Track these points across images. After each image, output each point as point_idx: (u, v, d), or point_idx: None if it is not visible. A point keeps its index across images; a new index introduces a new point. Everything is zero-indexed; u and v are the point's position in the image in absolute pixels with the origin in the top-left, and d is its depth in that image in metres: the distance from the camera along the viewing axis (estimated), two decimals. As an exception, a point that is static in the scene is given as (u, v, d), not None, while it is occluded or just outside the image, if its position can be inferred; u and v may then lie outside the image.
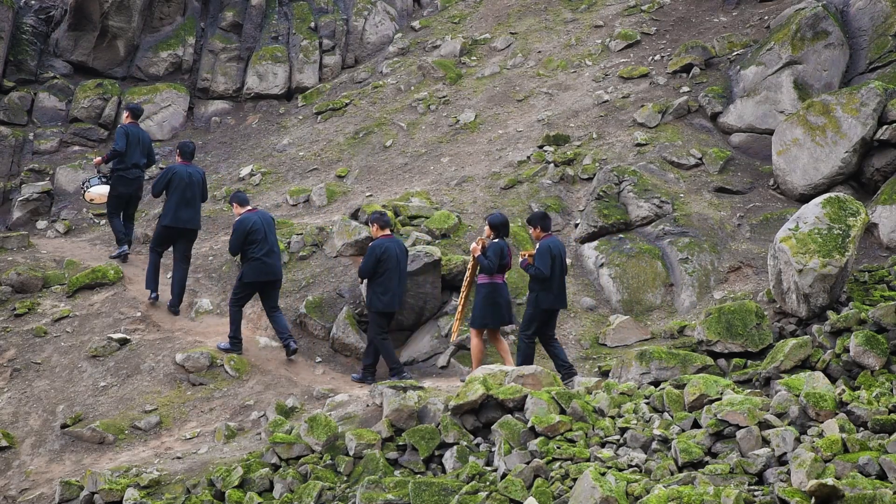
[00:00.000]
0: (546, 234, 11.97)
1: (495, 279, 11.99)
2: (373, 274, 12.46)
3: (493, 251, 11.96)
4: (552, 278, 11.74)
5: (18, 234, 15.95)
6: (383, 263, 12.42)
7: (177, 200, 13.81)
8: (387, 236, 12.68)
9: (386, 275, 12.45)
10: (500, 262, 11.92)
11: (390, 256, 12.45)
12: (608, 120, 16.56)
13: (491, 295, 11.92)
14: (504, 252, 11.97)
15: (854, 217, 11.49)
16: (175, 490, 10.49)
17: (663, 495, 7.97)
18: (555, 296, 11.81)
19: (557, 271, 11.81)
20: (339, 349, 13.48)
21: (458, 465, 9.68)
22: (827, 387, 9.28)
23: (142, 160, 15.12)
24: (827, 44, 15.49)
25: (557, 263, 11.80)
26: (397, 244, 12.68)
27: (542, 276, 11.69)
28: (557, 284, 11.83)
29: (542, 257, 11.71)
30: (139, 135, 15.13)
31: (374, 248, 12.51)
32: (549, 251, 11.72)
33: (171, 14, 20.69)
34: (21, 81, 19.39)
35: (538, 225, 12.00)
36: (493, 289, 11.95)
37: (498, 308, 11.93)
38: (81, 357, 13.11)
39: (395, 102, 18.89)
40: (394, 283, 12.49)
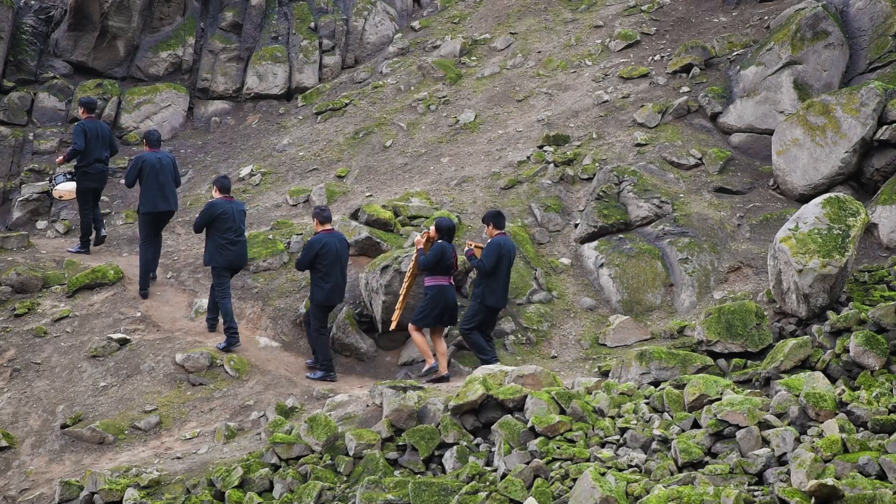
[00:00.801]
0: (499, 233, 12.37)
1: (441, 281, 12.37)
2: (311, 268, 12.82)
3: (434, 251, 12.35)
4: (498, 277, 12.14)
5: (18, 234, 15.95)
6: (322, 258, 12.74)
7: (151, 187, 14.25)
8: (327, 231, 13.00)
9: (326, 269, 12.77)
10: (443, 263, 12.29)
11: (330, 251, 12.78)
12: (608, 120, 16.57)
13: (436, 297, 12.33)
14: (446, 254, 12.32)
15: (854, 217, 11.50)
16: (175, 490, 10.50)
17: (663, 495, 7.97)
18: (499, 295, 12.24)
19: (504, 270, 12.18)
20: (339, 349, 13.48)
21: (457, 466, 9.68)
22: (827, 387, 9.29)
23: (104, 153, 15.47)
24: (827, 44, 15.49)
25: (505, 263, 12.21)
26: (338, 239, 13.01)
27: (482, 269, 12.13)
28: (503, 283, 12.22)
29: (489, 253, 12.12)
30: (97, 129, 15.44)
31: (313, 243, 12.87)
32: (499, 248, 12.10)
33: (170, 14, 20.69)
34: (21, 81, 19.39)
35: (491, 223, 12.41)
36: (438, 291, 12.36)
37: (442, 310, 12.34)
38: (81, 357, 13.12)
39: (395, 102, 18.90)
40: (335, 277, 12.82)
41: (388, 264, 13.33)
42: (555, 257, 14.32)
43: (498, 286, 12.23)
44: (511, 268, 12.47)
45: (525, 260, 14.09)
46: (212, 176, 18.04)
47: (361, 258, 14.28)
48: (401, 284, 13.19)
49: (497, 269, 12.16)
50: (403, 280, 12.96)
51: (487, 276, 12.15)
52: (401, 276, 13.21)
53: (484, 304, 12.23)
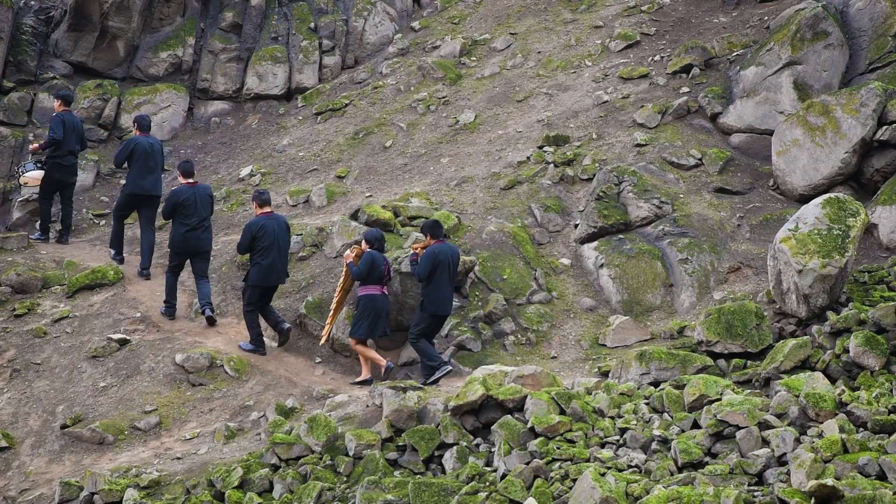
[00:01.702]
0: (437, 241, 12.56)
1: (373, 290, 12.58)
2: (250, 250, 13.15)
3: (364, 261, 12.59)
4: (437, 285, 12.35)
5: (18, 235, 15.94)
6: (260, 240, 13.05)
7: (139, 169, 14.84)
8: (266, 214, 13.31)
9: (264, 251, 13.05)
10: (374, 273, 12.52)
11: (267, 234, 13.08)
12: (608, 120, 16.57)
13: (369, 305, 12.54)
14: (376, 263, 12.56)
15: (854, 217, 11.50)
16: (175, 490, 10.50)
17: (663, 496, 7.98)
18: (438, 302, 12.39)
19: (443, 279, 12.38)
20: (338, 349, 13.48)
21: (457, 466, 9.68)
22: (827, 387, 9.29)
23: (76, 147, 15.97)
24: (827, 44, 15.49)
25: (443, 270, 12.38)
26: (276, 221, 13.32)
27: (417, 277, 12.47)
28: (442, 291, 12.40)
29: (423, 261, 12.38)
30: (73, 122, 15.93)
31: (251, 225, 13.23)
32: (435, 257, 12.32)
33: (170, 14, 20.68)
34: (21, 82, 19.38)
35: (428, 233, 12.68)
36: (370, 300, 12.56)
37: (373, 319, 12.54)
38: (81, 357, 13.12)
39: (395, 103, 18.90)
40: (272, 259, 13.09)
41: (387, 265, 13.33)
42: (555, 258, 14.32)
43: (437, 293, 12.39)
44: (452, 276, 12.55)
45: (525, 260, 14.10)
46: (212, 176, 18.04)
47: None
48: (400, 284, 13.20)
49: (434, 277, 12.35)
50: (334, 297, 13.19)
51: (426, 284, 12.39)
52: (401, 277, 13.22)
53: (426, 312, 12.45)
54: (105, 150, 18.80)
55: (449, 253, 12.54)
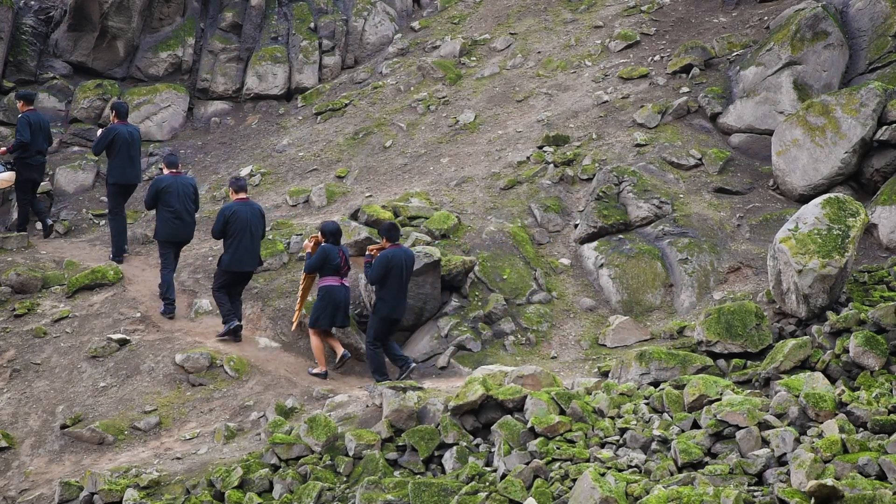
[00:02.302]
0: (393, 245, 12.61)
1: (331, 282, 12.75)
2: (223, 235, 13.33)
3: (317, 254, 12.80)
4: (389, 289, 12.42)
5: (18, 235, 15.94)
6: (232, 225, 13.24)
7: (121, 159, 15.11)
8: (241, 200, 13.53)
9: (236, 235, 13.25)
10: (329, 264, 12.71)
11: (239, 218, 13.27)
12: (608, 120, 16.57)
13: (326, 296, 12.73)
14: (330, 256, 12.72)
15: (854, 217, 11.50)
16: (175, 491, 10.50)
17: (663, 496, 7.98)
18: (391, 305, 12.45)
19: (396, 283, 12.43)
20: (338, 350, 13.48)
21: (457, 466, 9.68)
22: (826, 387, 9.29)
23: (44, 145, 16.19)
24: (826, 44, 15.49)
25: (396, 274, 12.42)
26: (250, 207, 13.50)
27: (369, 280, 12.56)
28: (394, 294, 12.45)
29: (376, 265, 12.48)
30: (40, 121, 16.10)
31: (224, 210, 13.46)
32: (388, 261, 12.37)
33: (170, 14, 20.68)
34: (21, 82, 19.37)
35: (384, 236, 12.75)
36: (327, 291, 12.74)
37: (332, 310, 12.71)
38: (81, 358, 13.12)
39: (395, 103, 18.90)
40: (244, 244, 13.27)
41: (387, 265, 13.32)
42: (554, 258, 14.32)
43: (389, 297, 12.45)
44: (406, 280, 12.56)
45: (525, 260, 14.10)
46: (212, 177, 18.05)
47: (361, 258, 14.28)
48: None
49: (386, 281, 12.41)
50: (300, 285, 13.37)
51: (380, 287, 12.48)
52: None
53: (377, 316, 12.54)
54: (105, 150, 18.78)
55: (403, 257, 12.56)
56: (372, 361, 12.59)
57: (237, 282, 13.49)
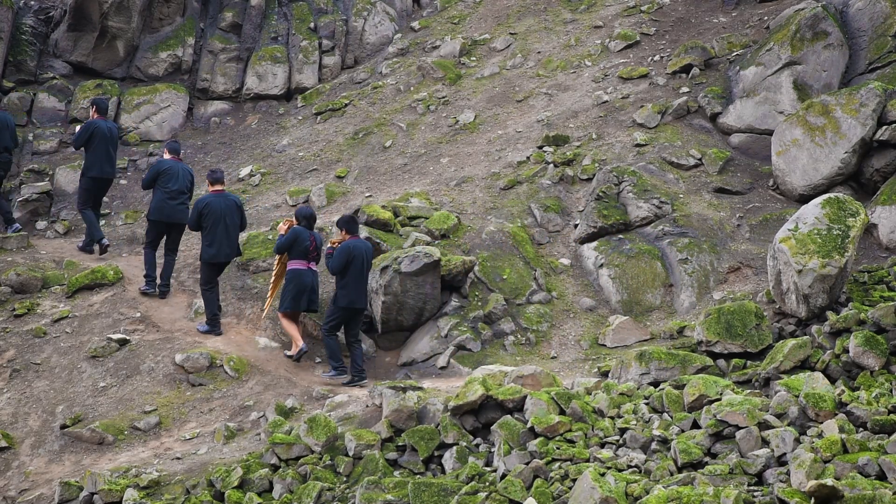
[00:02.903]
0: (352, 237, 12.92)
1: (299, 265, 12.99)
2: (199, 227, 13.63)
3: (287, 236, 13.04)
4: (349, 279, 12.65)
5: (18, 235, 15.94)
6: (207, 217, 13.54)
7: (99, 153, 15.37)
8: (216, 192, 13.81)
9: (211, 228, 13.54)
10: (297, 247, 12.94)
11: (213, 211, 13.55)
12: (608, 120, 16.57)
13: (293, 280, 12.95)
14: (299, 239, 12.97)
15: (853, 217, 11.50)
16: (174, 491, 10.50)
17: (663, 496, 7.98)
18: (351, 296, 12.66)
19: (356, 273, 12.68)
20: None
21: (457, 466, 9.69)
22: (826, 387, 9.29)
23: (10, 143, 16.46)
24: (826, 44, 15.49)
25: (356, 265, 12.68)
26: (225, 199, 13.75)
27: (330, 271, 12.81)
28: (355, 285, 12.67)
29: (336, 255, 12.72)
30: (6, 120, 16.43)
31: (197, 203, 13.81)
32: (348, 252, 12.65)
33: (170, 14, 20.67)
34: (20, 82, 19.37)
35: (343, 228, 13.04)
36: (295, 275, 12.98)
37: (299, 293, 12.91)
38: (81, 357, 13.12)
39: (395, 103, 18.90)
40: (219, 236, 13.54)
41: (387, 265, 13.33)
42: (554, 258, 14.32)
43: (349, 288, 12.66)
44: (366, 270, 12.82)
45: (525, 260, 14.10)
46: (211, 176, 18.04)
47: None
48: (400, 285, 13.20)
49: (347, 272, 12.63)
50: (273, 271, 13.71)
51: (339, 277, 12.69)
52: (400, 277, 13.22)
53: (337, 305, 12.72)
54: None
55: (363, 249, 12.86)
56: (328, 347, 12.81)
57: (220, 273, 13.84)
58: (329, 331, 12.80)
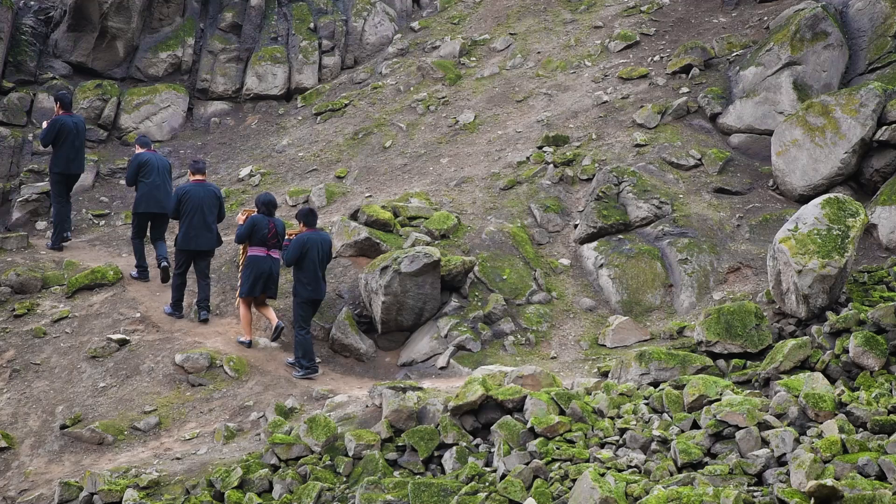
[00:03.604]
0: (309, 229, 13.01)
1: (258, 252, 13.16)
2: (177, 215, 13.90)
3: (246, 224, 13.30)
4: (305, 271, 12.80)
5: (18, 235, 15.94)
6: (184, 205, 13.78)
7: (66, 149, 15.48)
8: (197, 181, 14.05)
9: (188, 215, 13.76)
10: (256, 235, 13.13)
11: (191, 199, 13.77)
12: (607, 121, 16.57)
13: (250, 266, 13.17)
14: (258, 226, 13.17)
15: (853, 218, 11.50)
16: (174, 491, 10.50)
17: (663, 496, 7.98)
18: (309, 288, 12.83)
19: (311, 264, 12.81)
20: (338, 350, 13.48)
21: (457, 466, 9.69)
22: (826, 387, 9.30)
23: None
24: (826, 44, 15.49)
25: (311, 257, 12.81)
26: (205, 189, 13.99)
27: (285, 262, 13.01)
28: (311, 277, 12.83)
29: (291, 247, 12.91)
30: None
31: (177, 191, 14.17)
32: (303, 245, 12.79)
33: (170, 15, 20.68)
34: (20, 82, 19.36)
35: (301, 220, 13.19)
36: (253, 261, 13.19)
37: (256, 279, 13.10)
38: (81, 358, 13.12)
39: (395, 103, 18.90)
40: (195, 223, 13.75)
41: (387, 265, 13.33)
42: (554, 258, 14.32)
43: (305, 279, 12.81)
44: (322, 262, 12.93)
45: (525, 260, 14.10)
46: (212, 177, 18.04)
47: (361, 259, 14.29)
48: (400, 285, 13.21)
49: (302, 264, 12.78)
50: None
51: (296, 269, 12.87)
52: (400, 277, 13.22)
53: (297, 299, 12.92)
54: (104, 151, 18.80)
55: (319, 240, 12.96)
56: (300, 346, 12.84)
57: (196, 261, 13.90)
58: (302, 327, 12.86)
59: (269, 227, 13.24)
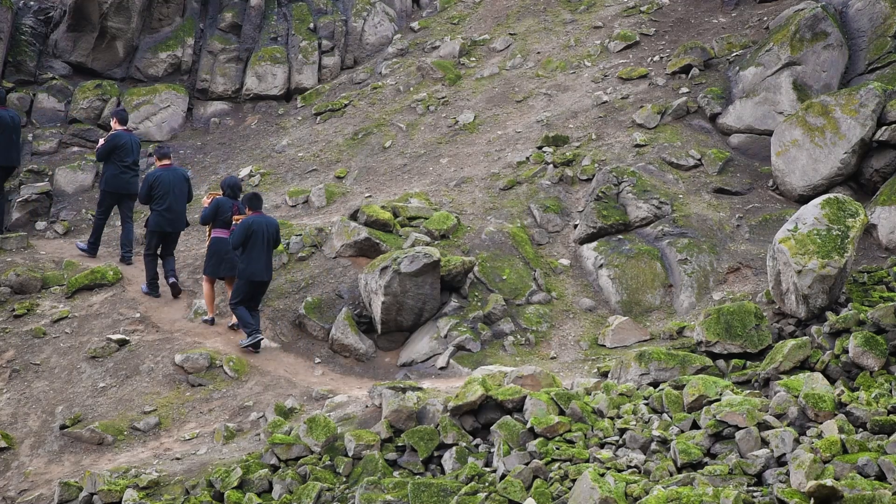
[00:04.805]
0: (255, 213, 13.32)
1: (220, 234, 13.66)
2: (149, 199, 14.42)
3: (210, 206, 13.79)
4: (252, 252, 13.08)
5: (17, 235, 15.94)
6: (156, 190, 14.35)
7: (5, 142, 15.92)
8: (165, 166, 14.65)
9: (160, 199, 14.34)
10: (220, 216, 13.63)
11: (162, 184, 14.38)
12: (607, 121, 16.57)
13: (212, 247, 13.72)
14: (221, 208, 13.67)
15: (853, 218, 11.50)
16: (174, 491, 10.50)
17: (662, 496, 7.98)
18: (252, 269, 13.13)
19: (257, 247, 13.09)
20: (338, 350, 13.48)
21: (457, 466, 9.69)
22: (826, 388, 9.30)
23: None
24: (826, 45, 15.49)
25: (257, 239, 13.10)
26: (174, 173, 14.63)
27: (231, 245, 13.30)
28: (256, 258, 13.11)
29: (237, 230, 13.22)
30: None
31: (148, 177, 14.66)
32: (248, 227, 13.09)
33: (170, 15, 20.68)
34: (20, 82, 19.37)
35: (247, 205, 13.45)
36: (214, 242, 13.74)
37: (219, 260, 13.58)
38: (80, 358, 13.11)
39: (394, 103, 18.90)
40: (167, 206, 14.34)
41: (387, 265, 13.32)
42: (554, 258, 14.32)
43: (252, 261, 13.09)
44: (268, 245, 13.20)
45: (524, 261, 14.10)
46: (211, 177, 18.05)
47: (361, 259, 14.28)
48: (400, 285, 13.21)
49: (249, 245, 13.06)
50: None
51: (242, 252, 13.13)
52: (400, 277, 13.22)
53: (240, 279, 13.18)
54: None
55: (265, 224, 13.24)
56: (238, 317, 13.26)
57: (166, 243, 14.44)
58: (236, 303, 13.23)
59: (232, 209, 13.65)
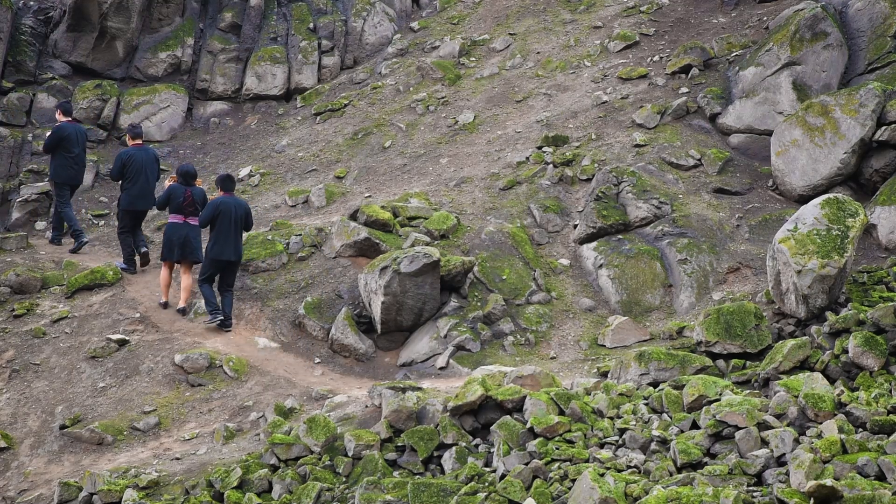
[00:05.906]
0: (226, 194, 13.77)
1: (175, 219, 14.02)
2: (121, 177, 14.91)
3: (163, 192, 14.21)
4: (220, 232, 13.47)
5: (17, 235, 15.94)
6: (129, 167, 14.82)
7: None
8: (137, 145, 15.15)
9: (133, 177, 14.81)
10: (173, 202, 13.96)
11: (135, 162, 14.86)
12: (607, 121, 16.57)
13: (167, 232, 14.11)
14: (174, 194, 14.00)
15: (853, 218, 11.50)
16: (174, 491, 10.50)
17: (662, 496, 7.98)
18: (219, 248, 13.47)
19: (225, 227, 13.48)
20: (337, 350, 13.48)
21: (456, 466, 9.69)
22: (826, 388, 9.30)
23: None
24: (826, 45, 15.49)
25: (225, 219, 13.49)
26: (146, 152, 15.14)
27: (200, 223, 13.74)
28: (224, 237, 13.49)
29: (206, 209, 13.70)
30: None
31: (121, 155, 15.14)
32: (217, 206, 13.52)
33: (169, 15, 20.69)
34: (20, 82, 19.38)
35: (219, 186, 13.97)
36: (169, 227, 14.10)
37: (172, 244, 13.93)
38: (80, 358, 13.12)
39: (394, 103, 18.90)
40: (140, 185, 14.83)
41: (387, 265, 13.32)
42: (554, 258, 14.32)
43: (219, 241, 13.46)
44: (236, 225, 13.53)
45: (524, 261, 14.10)
46: (211, 177, 18.04)
47: (360, 259, 14.29)
48: (400, 285, 13.20)
49: (216, 225, 13.47)
50: None
51: (210, 230, 13.55)
52: (400, 277, 13.22)
53: (208, 257, 13.56)
54: (104, 151, 18.80)
55: (233, 204, 13.64)
56: (204, 295, 13.60)
57: (137, 219, 14.96)
58: (203, 280, 13.55)
59: (185, 195, 13.99)
